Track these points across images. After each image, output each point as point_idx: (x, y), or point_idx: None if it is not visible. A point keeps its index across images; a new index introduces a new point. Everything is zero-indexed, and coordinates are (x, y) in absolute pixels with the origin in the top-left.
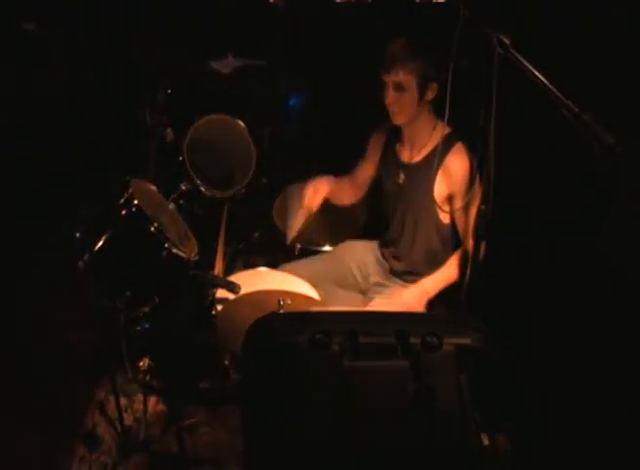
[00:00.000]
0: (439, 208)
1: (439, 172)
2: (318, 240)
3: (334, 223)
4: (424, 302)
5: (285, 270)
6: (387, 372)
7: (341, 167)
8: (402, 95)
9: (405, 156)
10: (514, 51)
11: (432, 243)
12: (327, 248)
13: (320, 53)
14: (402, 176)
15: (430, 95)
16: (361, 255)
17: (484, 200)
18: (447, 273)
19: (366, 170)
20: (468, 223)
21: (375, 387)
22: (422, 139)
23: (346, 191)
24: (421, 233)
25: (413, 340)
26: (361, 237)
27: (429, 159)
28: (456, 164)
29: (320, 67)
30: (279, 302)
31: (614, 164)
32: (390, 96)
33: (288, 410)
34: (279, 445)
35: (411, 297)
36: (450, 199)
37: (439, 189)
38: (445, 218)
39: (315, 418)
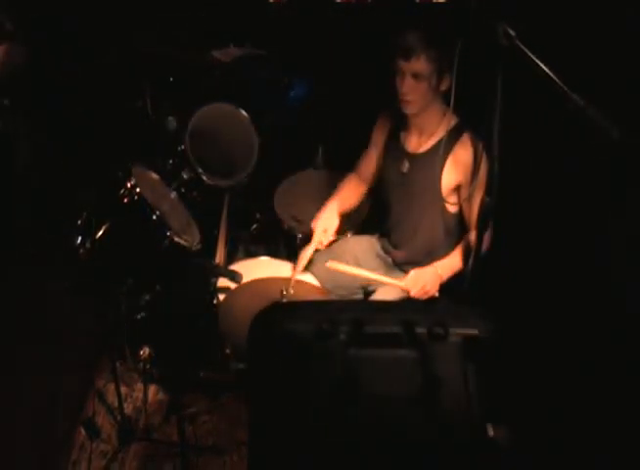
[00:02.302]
0: (445, 198)
1: (449, 162)
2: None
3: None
4: (438, 284)
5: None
6: (392, 362)
7: (342, 157)
8: (419, 84)
9: (411, 145)
10: (519, 43)
11: (434, 232)
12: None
13: (321, 45)
14: (407, 165)
15: (444, 85)
16: (360, 251)
17: (489, 192)
18: (458, 260)
19: (371, 161)
20: (472, 213)
21: (380, 376)
22: (430, 128)
23: (354, 194)
24: (424, 222)
25: (419, 329)
26: (362, 229)
27: (436, 148)
28: (465, 154)
29: (321, 56)
30: (282, 290)
31: (619, 158)
32: (407, 84)
33: (294, 399)
34: (284, 434)
35: (429, 276)
36: (458, 188)
37: (448, 179)
38: (451, 208)
39: (321, 407)
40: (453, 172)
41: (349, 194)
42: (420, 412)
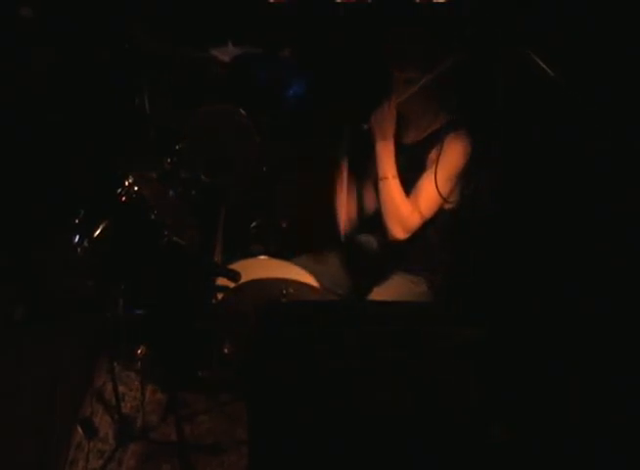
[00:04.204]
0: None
1: (441, 153)
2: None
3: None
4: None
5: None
6: (394, 361)
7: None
8: (413, 89)
9: (405, 138)
10: (520, 43)
11: (430, 229)
12: None
13: (320, 51)
14: (402, 158)
15: (440, 88)
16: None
17: (492, 195)
18: (398, 192)
19: None
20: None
21: (382, 376)
22: (424, 123)
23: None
24: None
25: (419, 329)
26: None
27: (428, 141)
28: (453, 149)
29: (321, 56)
30: (282, 290)
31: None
32: (401, 90)
33: (294, 398)
34: (285, 433)
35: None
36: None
37: (437, 172)
38: (444, 205)
39: (321, 406)
40: (440, 164)
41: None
42: (420, 410)
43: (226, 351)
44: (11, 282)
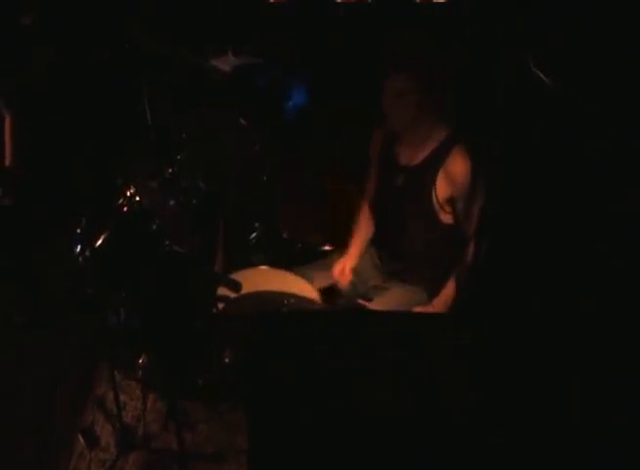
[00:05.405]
0: (442, 209)
1: (441, 174)
2: (318, 238)
3: (334, 223)
4: None
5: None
6: (394, 361)
7: (342, 163)
8: (402, 99)
9: (404, 158)
10: (521, 46)
11: (431, 244)
12: (327, 247)
13: (320, 51)
14: (401, 178)
15: (430, 98)
16: (359, 262)
17: (491, 199)
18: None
19: (374, 180)
20: (470, 225)
21: (382, 376)
22: (421, 141)
23: (369, 227)
24: (420, 233)
25: (419, 330)
26: None
27: (429, 161)
28: (458, 167)
29: (320, 63)
30: (283, 301)
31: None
32: (389, 100)
33: (294, 406)
34: (285, 440)
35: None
36: (452, 201)
37: (441, 191)
38: (447, 219)
39: (322, 413)
40: (447, 185)
41: (366, 228)
42: (420, 410)
43: (227, 360)
44: (11, 282)
